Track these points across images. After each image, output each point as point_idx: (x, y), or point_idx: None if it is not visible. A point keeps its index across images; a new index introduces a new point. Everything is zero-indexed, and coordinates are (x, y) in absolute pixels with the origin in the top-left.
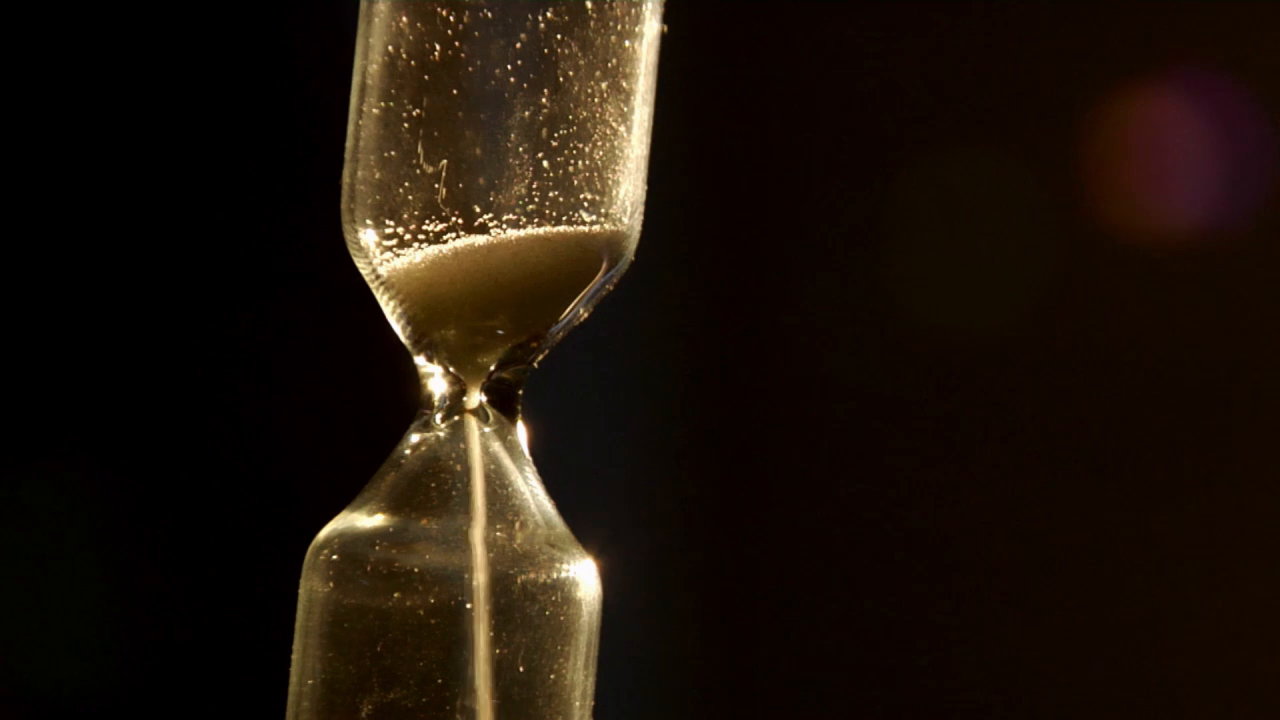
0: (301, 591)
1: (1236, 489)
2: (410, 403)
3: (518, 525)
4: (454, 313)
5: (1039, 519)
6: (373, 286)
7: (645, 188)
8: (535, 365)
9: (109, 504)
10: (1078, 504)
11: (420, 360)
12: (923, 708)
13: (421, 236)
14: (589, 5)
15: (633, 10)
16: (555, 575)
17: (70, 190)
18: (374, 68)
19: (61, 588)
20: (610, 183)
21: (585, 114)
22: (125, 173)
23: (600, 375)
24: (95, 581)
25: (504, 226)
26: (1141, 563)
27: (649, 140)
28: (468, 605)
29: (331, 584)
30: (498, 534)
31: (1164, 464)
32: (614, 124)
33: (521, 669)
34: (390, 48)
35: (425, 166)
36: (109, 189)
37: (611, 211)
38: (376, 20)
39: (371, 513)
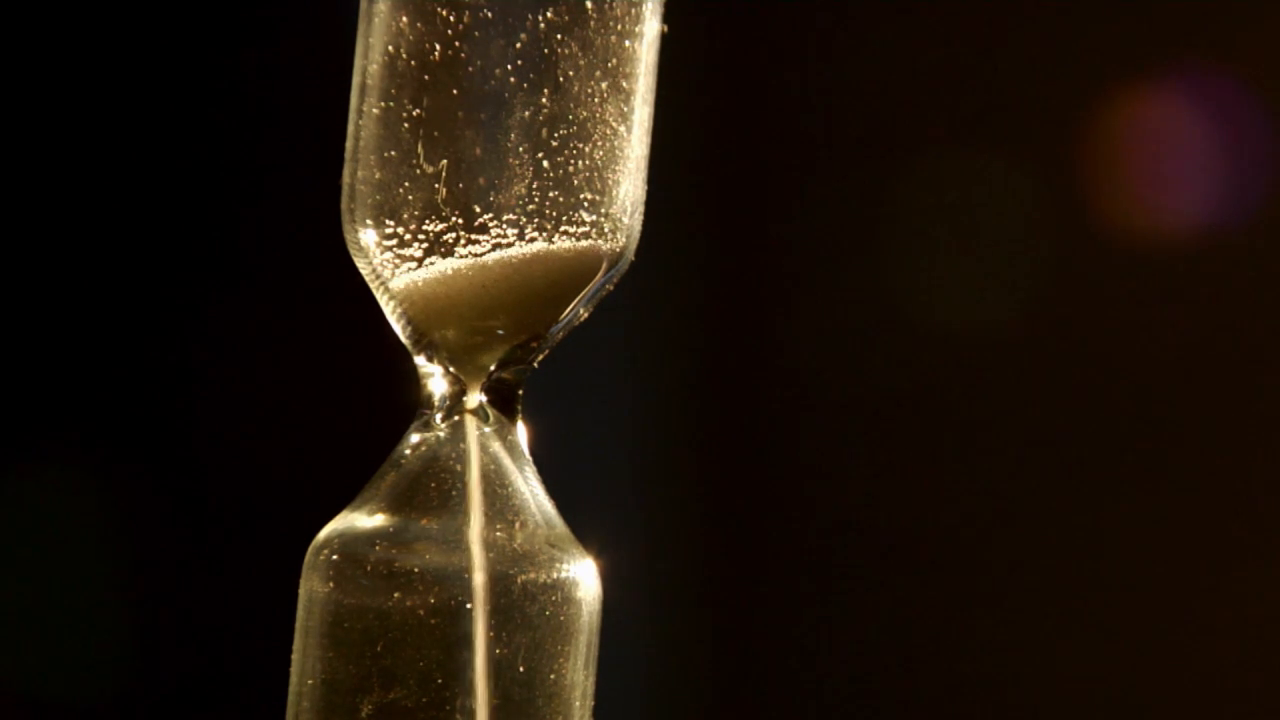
0: (301, 591)
1: (1237, 488)
2: (410, 403)
3: (518, 525)
4: (454, 313)
5: (1039, 518)
6: (373, 287)
7: (645, 188)
8: (535, 365)
9: (109, 504)
10: (1078, 503)
11: (420, 360)
12: (925, 707)
13: (421, 236)
14: (589, 5)
15: (633, 10)
16: (555, 575)
17: (69, 191)
18: (374, 68)
19: (62, 588)
20: (610, 183)
21: (585, 114)
22: (125, 173)
23: (600, 375)
24: (95, 581)
25: (504, 226)
26: (1141, 562)
27: (649, 140)
28: (468, 605)
29: (331, 584)
30: (497, 534)
31: (1164, 463)
32: (614, 124)
33: (521, 669)
34: (390, 48)
35: (425, 166)
36: (108, 189)
37: (612, 211)
38: (376, 20)
39: (371, 513)
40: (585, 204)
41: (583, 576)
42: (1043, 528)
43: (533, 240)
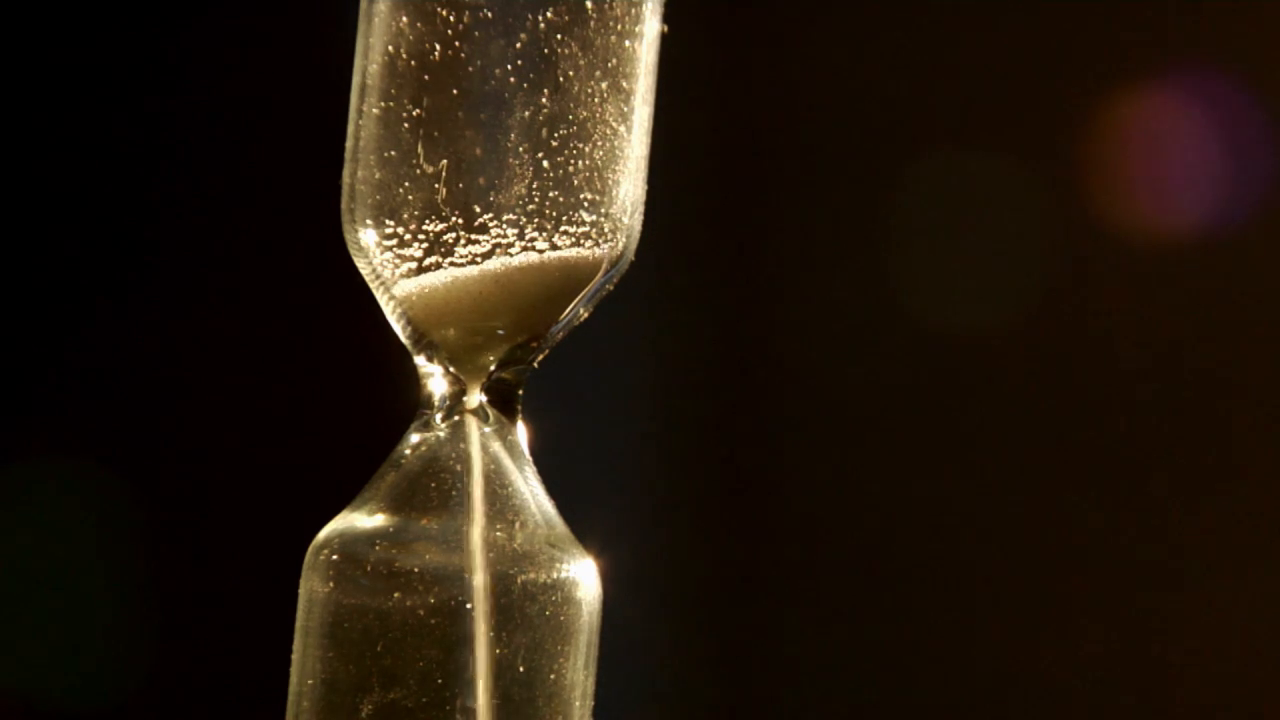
0: (301, 591)
1: (1236, 488)
2: (410, 403)
3: (518, 525)
4: (454, 313)
5: (1039, 518)
6: (373, 287)
7: (645, 187)
8: (535, 365)
9: (110, 504)
10: (1077, 503)
11: (420, 360)
12: (924, 705)
13: (421, 236)
14: (589, 5)
15: (633, 10)
16: (555, 575)
17: (68, 191)
18: (374, 68)
19: (62, 588)
20: (610, 183)
21: (585, 114)
22: (125, 173)
23: (600, 375)
24: (96, 581)
25: (504, 226)
26: (1140, 562)
27: (649, 140)
28: (468, 605)
29: (331, 584)
30: (498, 534)
31: (1163, 463)
32: (614, 124)
33: (521, 669)
34: (390, 48)
35: (425, 166)
36: (108, 190)
37: (611, 212)
38: (376, 20)
39: (371, 513)
40: (585, 204)
41: (583, 576)
42: (1045, 528)
43: (533, 240)
